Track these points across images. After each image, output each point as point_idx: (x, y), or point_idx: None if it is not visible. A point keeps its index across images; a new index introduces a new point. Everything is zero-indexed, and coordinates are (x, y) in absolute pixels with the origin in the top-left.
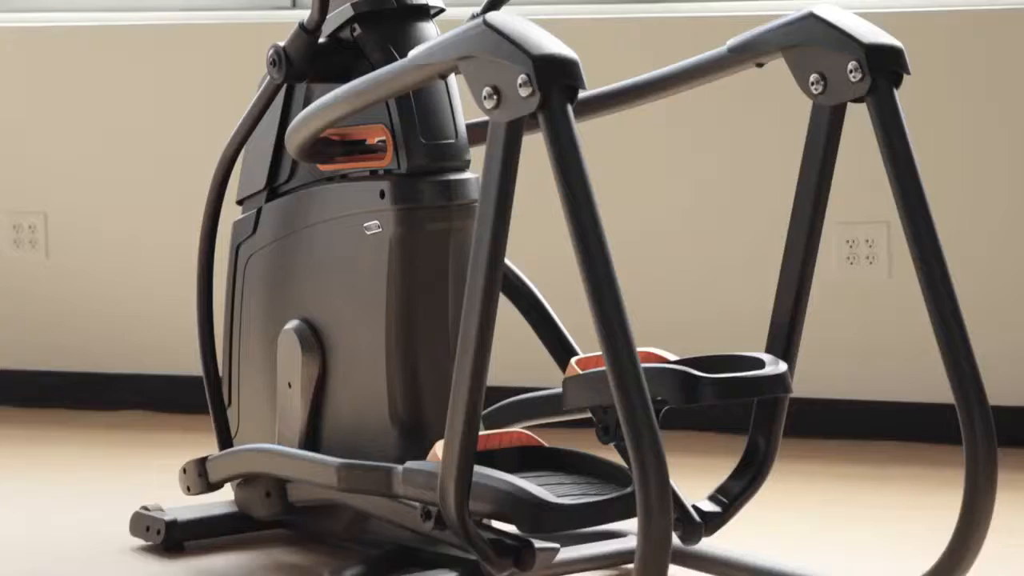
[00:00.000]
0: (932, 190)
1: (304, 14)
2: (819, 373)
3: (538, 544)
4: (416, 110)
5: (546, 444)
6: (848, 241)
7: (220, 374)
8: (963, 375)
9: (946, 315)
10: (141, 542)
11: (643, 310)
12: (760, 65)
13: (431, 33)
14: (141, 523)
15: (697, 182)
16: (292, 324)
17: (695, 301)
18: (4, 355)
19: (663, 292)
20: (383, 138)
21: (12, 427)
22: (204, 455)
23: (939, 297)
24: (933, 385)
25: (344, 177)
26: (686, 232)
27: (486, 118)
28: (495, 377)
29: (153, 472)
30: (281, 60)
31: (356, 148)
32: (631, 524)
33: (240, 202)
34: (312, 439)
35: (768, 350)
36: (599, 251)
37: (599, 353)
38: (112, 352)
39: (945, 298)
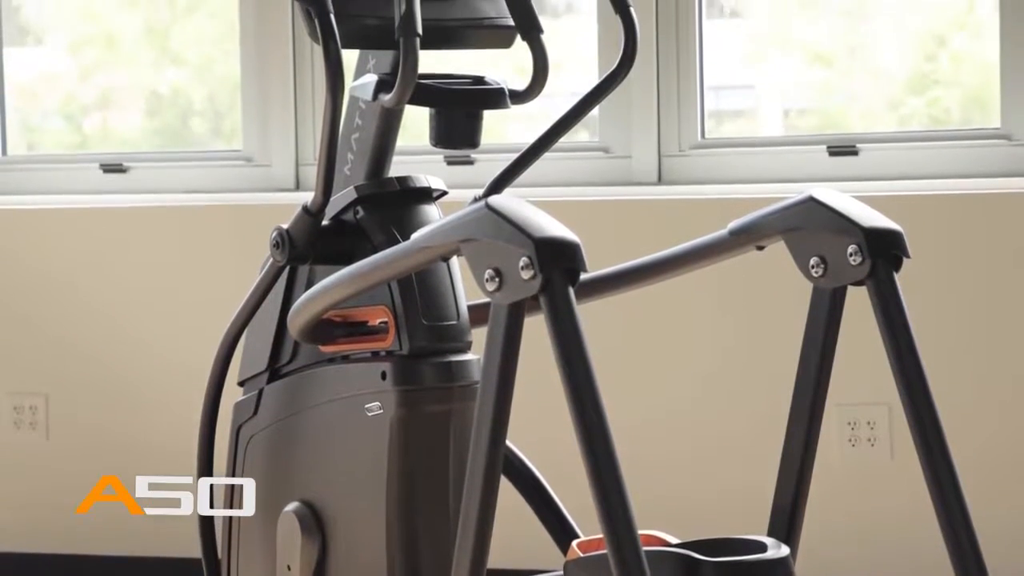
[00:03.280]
0: (933, 372)
1: (307, 196)
2: (822, 556)
3: None
4: (418, 291)
5: None
6: (849, 423)
7: (219, 556)
8: (965, 557)
9: (948, 497)
10: None
11: (644, 492)
12: (761, 248)
13: (433, 215)
14: None
15: (699, 364)
16: (292, 506)
17: (696, 483)
18: (3, 538)
19: (664, 474)
20: (385, 319)
21: None
22: None
23: (941, 479)
24: (935, 567)
25: (346, 358)
26: (687, 414)
27: (488, 299)
28: (495, 559)
29: None
30: (284, 242)
31: (358, 329)
32: None
33: (241, 383)
34: None
35: (770, 533)
36: (600, 433)
37: (600, 536)
38: (112, 535)
39: (947, 480)
